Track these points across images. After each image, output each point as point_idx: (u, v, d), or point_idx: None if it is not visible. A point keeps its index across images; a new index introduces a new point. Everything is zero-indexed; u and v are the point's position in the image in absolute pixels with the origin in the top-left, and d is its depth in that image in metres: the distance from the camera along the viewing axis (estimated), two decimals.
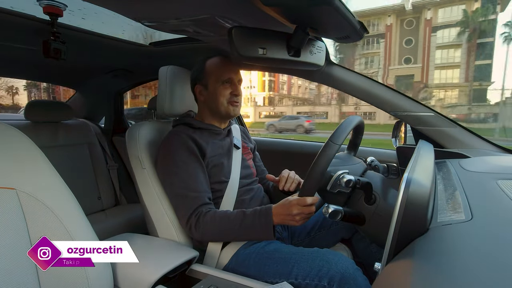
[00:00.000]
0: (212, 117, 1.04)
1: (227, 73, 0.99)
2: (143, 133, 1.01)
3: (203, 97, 1.02)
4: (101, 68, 1.65)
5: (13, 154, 0.61)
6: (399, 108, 1.07)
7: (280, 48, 0.78)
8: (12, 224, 0.59)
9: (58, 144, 1.57)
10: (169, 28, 0.89)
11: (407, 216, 0.42)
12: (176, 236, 0.94)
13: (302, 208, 0.77)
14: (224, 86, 0.98)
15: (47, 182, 0.65)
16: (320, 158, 0.69)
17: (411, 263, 0.35)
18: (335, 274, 0.72)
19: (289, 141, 1.68)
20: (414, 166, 0.54)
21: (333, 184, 0.74)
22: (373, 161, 1.03)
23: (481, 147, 1.01)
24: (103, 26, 1.06)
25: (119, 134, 1.93)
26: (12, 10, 0.89)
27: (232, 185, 0.98)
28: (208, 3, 0.70)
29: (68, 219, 0.65)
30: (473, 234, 0.38)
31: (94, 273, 0.66)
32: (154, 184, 0.96)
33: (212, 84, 0.99)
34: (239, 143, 1.08)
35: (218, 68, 0.99)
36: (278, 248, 0.87)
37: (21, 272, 0.58)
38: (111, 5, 0.76)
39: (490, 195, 0.54)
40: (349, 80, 1.09)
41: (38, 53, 1.01)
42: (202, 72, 1.01)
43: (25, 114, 1.52)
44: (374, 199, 0.74)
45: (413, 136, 1.14)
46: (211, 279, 0.74)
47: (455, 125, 1.04)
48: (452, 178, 0.67)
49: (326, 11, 0.63)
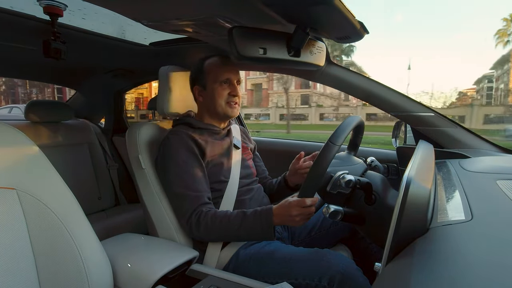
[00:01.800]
0: (211, 117, 1.04)
1: (225, 74, 0.98)
2: (143, 133, 1.01)
3: (202, 97, 1.02)
4: (101, 68, 1.65)
5: (13, 154, 0.61)
6: (399, 108, 1.07)
7: (280, 48, 0.78)
8: (12, 224, 0.59)
9: (58, 144, 1.57)
10: (169, 28, 0.89)
11: (407, 216, 0.42)
12: (176, 236, 0.94)
13: (302, 208, 0.77)
14: (222, 87, 0.98)
15: (47, 182, 0.65)
16: (320, 158, 0.69)
17: (411, 263, 0.35)
18: (335, 274, 0.72)
19: (289, 141, 1.68)
20: (414, 166, 0.54)
21: (333, 184, 0.74)
22: (373, 161, 1.03)
23: (481, 147, 1.01)
24: (103, 26, 1.06)
25: (119, 134, 1.93)
26: (12, 10, 0.89)
27: (232, 185, 0.98)
28: (208, 3, 0.70)
29: (68, 219, 0.65)
30: (473, 234, 0.38)
31: (94, 273, 0.66)
32: (154, 184, 0.96)
33: (210, 84, 0.99)
34: (239, 143, 1.08)
35: (217, 69, 0.99)
36: (278, 248, 0.87)
37: (21, 272, 0.58)
38: (111, 5, 0.76)
39: (490, 195, 0.54)
40: (349, 80, 1.09)
41: (38, 53, 1.01)
42: (200, 72, 1.00)
43: (25, 114, 1.52)
44: (374, 200, 0.74)
45: (413, 136, 1.14)
46: (211, 279, 0.74)
47: (455, 125, 1.04)
48: (452, 178, 0.67)
49: (326, 11, 0.63)
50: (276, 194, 1.14)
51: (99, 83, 1.84)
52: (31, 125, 1.53)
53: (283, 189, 1.11)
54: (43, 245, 0.62)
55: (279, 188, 1.13)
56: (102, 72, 1.70)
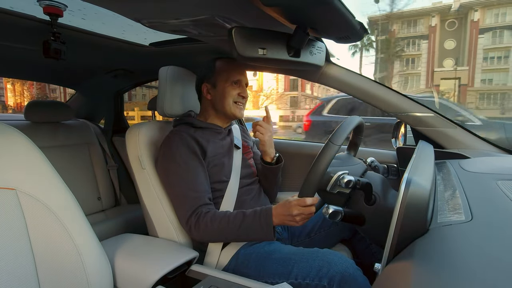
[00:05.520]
0: (216, 116, 1.04)
1: (237, 75, 1.00)
2: (143, 133, 1.01)
3: (210, 95, 1.02)
4: (101, 68, 1.65)
5: (13, 154, 0.61)
6: (399, 108, 1.07)
7: (280, 49, 0.78)
8: (12, 224, 0.59)
9: (58, 144, 1.57)
10: (169, 28, 0.89)
11: (407, 216, 0.42)
12: (176, 236, 0.94)
13: (302, 208, 0.77)
14: (232, 87, 1.00)
15: (47, 183, 0.64)
16: (320, 158, 0.69)
17: (411, 263, 0.35)
18: (335, 274, 0.72)
19: (289, 141, 1.67)
20: (414, 166, 0.54)
21: (333, 184, 0.74)
22: (373, 161, 1.03)
23: (481, 148, 1.01)
24: (103, 26, 1.06)
25: (119, 134, 1.93)
26: (12, 10, 0.89)
27: (233, 185, 0.98)
28: (208, 3, 0.70)
29: (68, 219, 0.65)
30: (473, 235, 0.38)
31: (94, 274, 0.66)
32: (154, 184, 0.96)
33: (221, 83, 1.00)
34: (240, 143, 1.08)
35: (229, 69, 1.01)
36: (278, 248, 0.87)
37: (21, 272, 0.58)
38: (111, 5, 0.76)
39: (490, 195, 0.54)
40: (349, 80, 1.09)
41: (38, 53, 1.01)
42: (211, 71, 1.02)
43: (25, 114, 1.52)
44: (374, 200, 0.74)
45: (413, 136, 1.14)
46: (211, 279, 0.74)
47: (455, 126, 1.04)
48: (452, 179, 0.67)
49: (326, 11, 0.63)
50: (261, 175, 1.11)
51: (99, 83, 1.84)
52: (31, 125, 1.53)
53: (262, 167, 1.08)
54: (43, 245, 0.62)
55: (261, 168, 1.10)
56: (102, 72, 1.70)
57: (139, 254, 0.84)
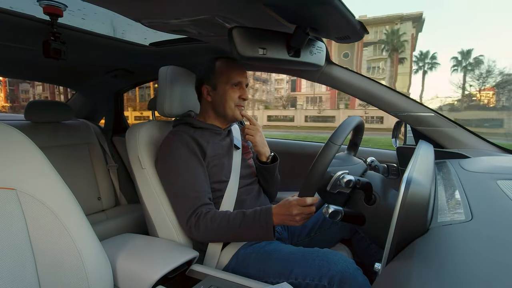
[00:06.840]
0: (216, 118, 1.03)
1: (237, 76, 0.98)
2: (143, 133, 1.01)
3: (210, 97, 1.01)
4: (101, 68, 1.65)
5: (13, 154, 0.61)
6: (399, 108, 1.07)
7: (280, 48, 0.78)
8: (12, 224, 0.59)
9: (58, 144, 1.57)
10: (169, 28, 0.89)
11: (407, 216, 0.42)
12: (176, 236, 0.94)
13: (302, 208, 0.77)
14: (233, 89, 0.98)
15: (47, 183, 0.64)
16: (320, 158, 0.69)
17: (411, 263, 0.35)
18: (335, 274, 0.72)
19: (289, 141, 1.68)
20: (414, 166, 0.54)
21: (333, 184, 0.74)
22: (373, 161, 1.03)
23: (481, 147, 1.01)
24: (103, 26, 1.06)
25: (119, 134, 1.93)
26: (12, 10, 0.89)
27: (232, 185, 0.98)
28: (208, 3, 0.70)
29: (68, 219, 0.65)
30: (473, 235, 0.38)
31: (94, 273, 0.66)
32: (154, 184, 0.96)
33: (221, 85, 0.98)
34: (239, 143, 1.08)
35: (229, 70, 0.98)
36: (278, 248, 0.87)
37: (21, 272, 0.58)
38: (111, 5, 0.76)
39: (490, 195, 0.54)
40: (349, 80, 1.09)
41: (38, 53, 1.01)
42: (211, 72, 0.99)
43: (25, 114, 1.52)
44: (374, 200, 0.74)
45: (413, 136, 1.14)
46: (211, 279, 0.74)
47: (455, 125, 1.04)
48: (452, 178, 0.67)
49: (326, 11, 0.63)
50: (259, 175, 1.10)
51: (99, 84, 1.84)
52: (31, 125, 1.53)
53: (259, 167, 1.08)
54: (43, 245, 0.62)
55: (257, 168, 1.10)
56: (102, 73, 1.70)
57: (139, 254, 0.84)
